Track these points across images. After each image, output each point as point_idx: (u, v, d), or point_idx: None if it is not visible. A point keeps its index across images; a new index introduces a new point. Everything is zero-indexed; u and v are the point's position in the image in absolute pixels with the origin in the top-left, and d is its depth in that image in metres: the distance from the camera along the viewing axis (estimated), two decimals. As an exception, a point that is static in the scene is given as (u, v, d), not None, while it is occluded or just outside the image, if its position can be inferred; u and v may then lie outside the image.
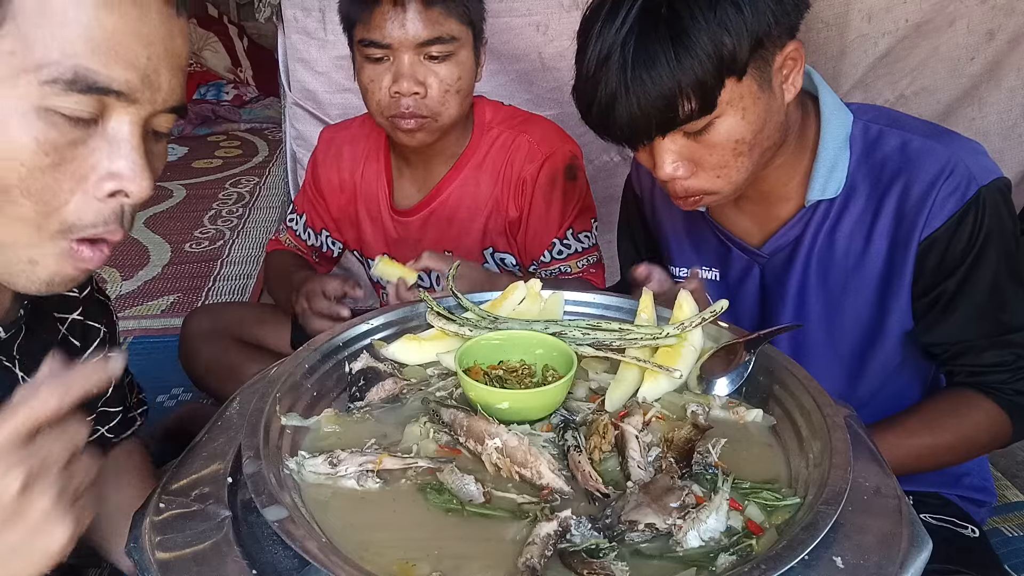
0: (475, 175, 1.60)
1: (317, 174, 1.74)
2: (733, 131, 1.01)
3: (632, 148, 1.06)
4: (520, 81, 2.38)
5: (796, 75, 1.05)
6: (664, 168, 1.04)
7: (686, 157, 1.03)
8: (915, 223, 1.08)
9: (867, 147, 1.12)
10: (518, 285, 1.09)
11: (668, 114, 0.98)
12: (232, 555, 0.68)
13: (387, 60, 1.44)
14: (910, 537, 0.69)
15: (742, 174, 1.05)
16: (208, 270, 3.17)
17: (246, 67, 5.50)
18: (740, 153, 1.03)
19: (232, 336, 1.82)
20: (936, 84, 2.48)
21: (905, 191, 1.09)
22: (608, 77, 0.98)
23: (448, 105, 1.47)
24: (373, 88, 1.47)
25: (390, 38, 1.41)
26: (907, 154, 1.10)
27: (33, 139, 0.65)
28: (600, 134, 1.06)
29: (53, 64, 0.64)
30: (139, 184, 0.70)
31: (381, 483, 0.78)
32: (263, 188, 4.07)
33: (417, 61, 1.43)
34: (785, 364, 0.92)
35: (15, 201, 0.67)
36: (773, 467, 0.81)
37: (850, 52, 2.43)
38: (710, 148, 1.02)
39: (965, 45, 2.45)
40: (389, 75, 1.44)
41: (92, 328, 0.99)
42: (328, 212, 1.75)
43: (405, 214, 1.66)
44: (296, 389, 0.90)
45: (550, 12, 2.33)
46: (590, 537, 0.70)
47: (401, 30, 1.40)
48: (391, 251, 1.70)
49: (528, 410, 0.87)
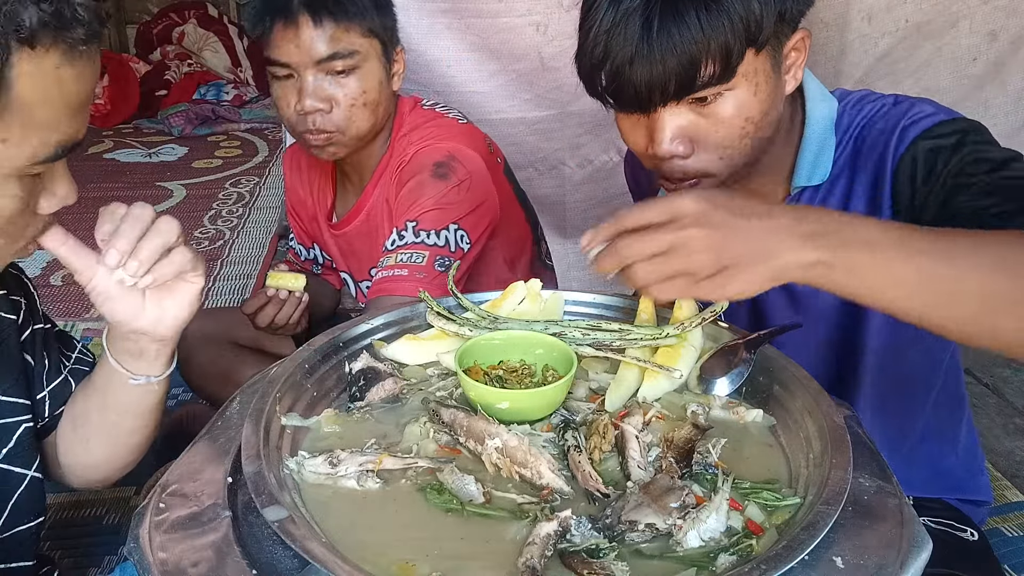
0: (388, 183, 1.58)
1: (289, 194, 1.76)
2: (744, 107, 0.98)
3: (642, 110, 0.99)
4: (520, 81, 2.38)
5: (799, 67, 1.04)
6: (664, 144, 0.99)
7: (688, 133, 0.99)
8: (883, 161, 1.04)
9: (849, 129, 1.10)
10: (518, 285, 1.09)
11: (690, 74, 0.93)
12: (232, 555, 0.68)
13: (293, 78, 1.43)
14: (910, 537, 0.69)
15: (742, 158, 1.02)
16: (208, 270, 3.15)
17: (246, 67, 5.50)
18: (746, 133, 1.00)
19: (228, 340, 1.81)
20: (939, 85, 2.47)
21: (873, 145, 1.06)
22: (629, 33, 0.93)
23: (355, 119, 1.45)
24: (282, 105, 1.47)
25: (287, 57, 1.40)
26: (876, 117, 1.08)
27: (19, 198, 0.77)
28: (604, 97, 1.00)
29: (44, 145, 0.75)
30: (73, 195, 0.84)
31: (381, 483, 0.78)
32: (263, 188, 4.07)
33: (321, 77, 1.42)
34: (785, 364, 0.92)
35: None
36: (773, 467, 0.81)
37: (850, 52, 2.43)
38: (716, 124, 0.99)
39: (968, 46, 2.45)
40: (295, 94, 1.43)
41: (15, 300, 1.01)
42: (306, 229, 1.78)
43: (338, 226, 1.67)
44: (296, 389, 0.91)
45: (550, 12, 2.33)
46: (590, 537, 0.70)
47: (298, 49, 1.39)
48: (343, 262, 1.72)
49: (528, 410, 0.87)
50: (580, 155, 2.48)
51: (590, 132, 2.45)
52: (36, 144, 0.74)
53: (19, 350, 1.00)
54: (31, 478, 0.98)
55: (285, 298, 1.44)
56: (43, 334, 1.04)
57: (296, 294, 1.44)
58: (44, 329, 1.05)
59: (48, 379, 1.04)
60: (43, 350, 1.04)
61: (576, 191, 2.49)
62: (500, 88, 2.29)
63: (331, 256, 1.77)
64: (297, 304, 1.45)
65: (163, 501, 0.75)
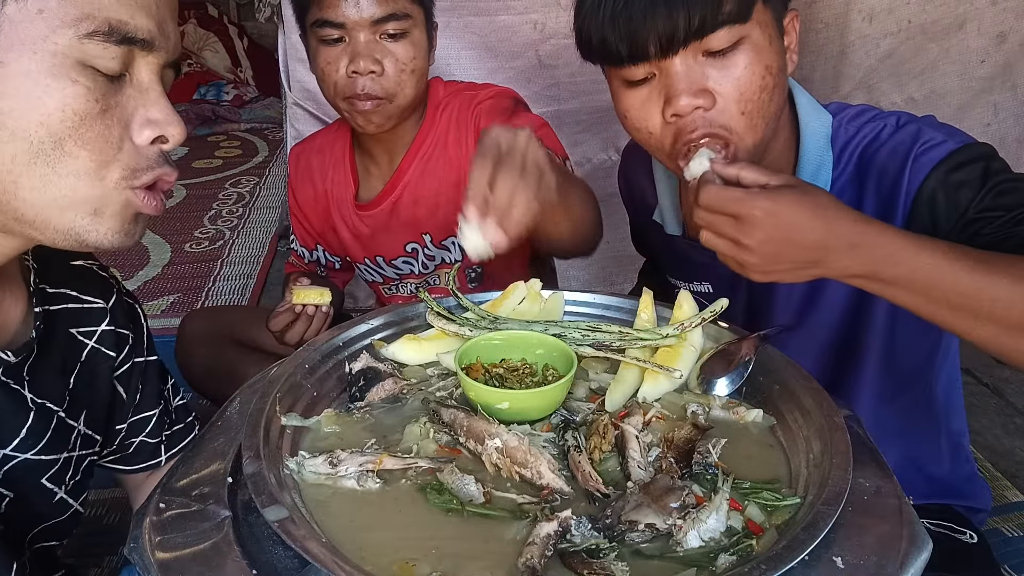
0: (435, 150, 1.59)
1: (295, 194, 1.76)
2: (761, 54, 0.96)
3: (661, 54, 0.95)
4: (517, 79, 2.38)
5: (793, 52, 1.04)
6: (684, 96, 0.95)
7: (708, 85, 0.96)
8: (897, 188, 1.03)
9: (848, 147, 1.10)
10: (518, 285, 1.09)
11: (710, 7, 0.92)
12: (232, 555, 0.68)
13: (343, 41, 1.43)
14: (910, 537, 0.69)
15: (762, 120, 0.99)
16: (208, 270, 3.17)
17: (246, 67, 5.50)
18: (764, 85, 0.97)
19: (230, 338, 1.82)
20: (946, 87, 2.46)
21: (883, 171, 1.05)
22: None
23: (404, 85, 1.47)
24: (329, 71, 1.46)
25: (344, 17, 1.41)
26: (881, 139, 1.07)
27: (84, 87, 0.68)
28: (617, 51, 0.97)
29: (89, 18, 0.67)
30: (176, 128, 0.74)
31: (381, 483, 0.78)
32: (263, 188, 4.07)
33: (373, 40, 1.43)
34: (785, 364, 0.92)
35: (71, 154, 0.69)
36: (773, 467, 0.81)
37: (851, 53, 2.42)
38: (737, 72, 0.96)
39: (976, 48, 2.44)
40: (345, 56, 1.44)
41: (122, 335, 0.98)
42: (313, 228, 1.77)
43: (368, 207, 1.67)
44: (296, 389, 0.90)
45: (547, 10, 2.33)
46: (590, 537, 0.70)
47: (355, 8, 1.40)
48: (366, 248, 1.71)
49: (528, 410, 0.87)
50: (578, 153, 2.48)
51: (588, 131, 2.45)
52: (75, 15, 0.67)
53: (111, 384, 0.97)
54: (74, 510, 0.95)
55: (313, 314, 1.43)
56: (143, 366, 1.02)
57: (323, 308, 1.44)
58: (145, 361, 1.03)
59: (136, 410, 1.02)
60: (139, 382, 1.01)
61: (575, 191, 2.50)
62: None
63: (345, 250, 1.76)
64: (325, 319, 1.46)
65: (163, 501, 0.75)
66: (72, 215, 0.72)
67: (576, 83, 2.37)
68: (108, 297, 0.97)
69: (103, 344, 0.95)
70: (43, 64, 0.67)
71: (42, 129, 0.68)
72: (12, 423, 0.82)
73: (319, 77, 1.50)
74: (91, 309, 0.95)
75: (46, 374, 0.87)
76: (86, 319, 0.94)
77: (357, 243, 1.72)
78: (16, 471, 0.83)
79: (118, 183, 0.72)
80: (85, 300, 0.94)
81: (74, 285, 0.94)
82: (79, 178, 0.70)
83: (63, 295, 0.92)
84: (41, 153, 0.68)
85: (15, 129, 0.67)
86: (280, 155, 4.14)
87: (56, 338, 0.90)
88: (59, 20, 0.67)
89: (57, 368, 0.89)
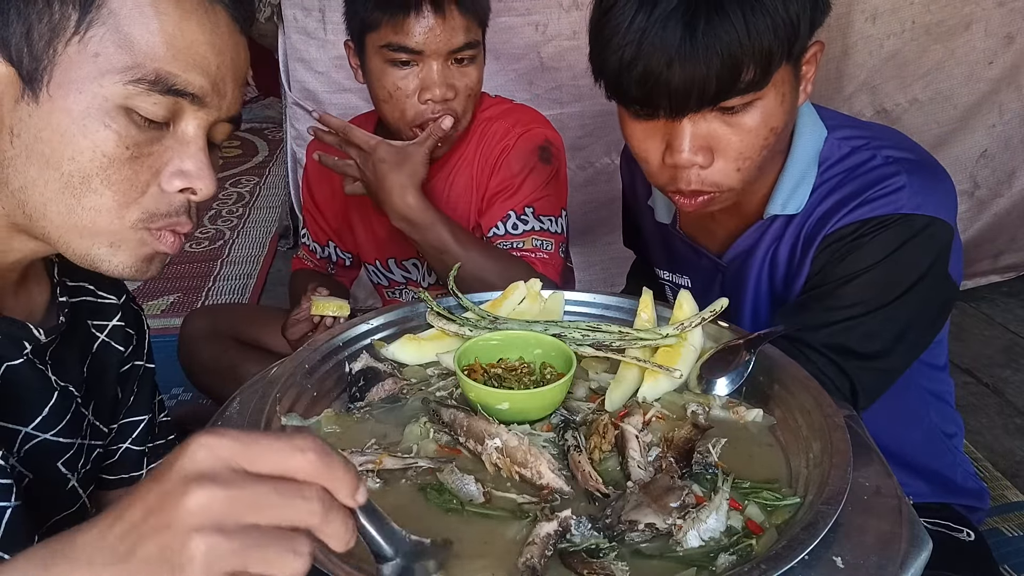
0: (462, 165, 1.59)
1: (311, 188, 1.75)
2: (771, 116, 0.97)
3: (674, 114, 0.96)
4: (519, 81, 2.38)
5: (809, 81, 1.03)
6: (685, 152, 0.97)
7: (710, 142, 0.97)
8: (825, 221, 1.06)
9: (833, 167, 1.09)
10: (518, 285, 1.09)
11: (732, 76, 0.91)
12: (232, 555, 0.68)
13: (414, 65, 1.40)
14: (910, 537, 0.69)
15: (756, 171, 1.01)
16: (208, 270, 3.17)
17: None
18: (766, 144, 0.98)
19: (231, 337, 1.82)
20: (952, 89, 2.45)
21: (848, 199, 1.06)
22: (668, 34, 0.90)
23: (468, 109, 1.47)
24: (399, 96, 1.42)
25: (423, 45, 1.38)
26: (857, 172, 1.07)
27: (116, 133, 0.71)
28: (629, 101, 0.98)
29: (138, 67, 0.70)
30: (205, 183, 0.77)
31: (381, 483, 0.78)
32: (263, 188, 4.07)
33: (446, 66, 1.41)
34: (785, 364, 0.92)
35: (96, 191, 0.72)
36: (773, 467, 0.81)
37: (853, 53, 2.42)
38: (741, 133, 0.97)
39: (983, 49, 2.43)
40: (416, 80, 1.41)
41: (129, 334, 1.01)
42: (328, 224, 1.76)
43: None
44: (296, 389, 0.91)
45: (549, 12, 2.33)
46: (590, 537, 0.70)
47: (436, 37, 1.37)
48: (384, 249, 1.70)
49: (528, 410, 0.87)
50: (581, 157, 2.48)
51: (591, 134, 2.45)
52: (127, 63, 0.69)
53: (115, 381, 0.99)
54: (82, 503, 0.94)
55: (330, 325, 1.40)
56: (141, 371, 1.03)
57: (341, 321, 1.42)
58: (144, 367, 1.04)
59: (128, 413, 1.03)
60: (135, 385, 1.02)
61: (577, 193, 2.49)
62: (499, 88, 2.29)
63: (358, 249, 1.75)
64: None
65: (163, 501, 0.75)
66: (90, 243, 0.76)
67: (579, 86, 2.37)
68: (120, 295, 1.00)
69: (114, 339, 0.98)
70: (85, 104, 0.70)
71: (72, 164, 0.71)
72: (37, 400, 0.84)
73: (380, 97, 1.46)
74: (105, 304, 0.98)
75: (67, 360, 0.89)
76: (100, 313, 0.97)
77: (372, 244, 1.71)
78: (36, 452, 0.85)
79: (135, 223, 0.75)
80: (100, 295, 0.97)
81: (91, 280, 0.96)
82: (100, 213, 0.74)
83: (81, 288, 0.95)
84: (70, 185, 0.72)
85: (51, 159, 0.71)
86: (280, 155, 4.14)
87: (75, 327, 0.92)
88: (110, 65, 0.70)
89: (76, 356, 0.91)
